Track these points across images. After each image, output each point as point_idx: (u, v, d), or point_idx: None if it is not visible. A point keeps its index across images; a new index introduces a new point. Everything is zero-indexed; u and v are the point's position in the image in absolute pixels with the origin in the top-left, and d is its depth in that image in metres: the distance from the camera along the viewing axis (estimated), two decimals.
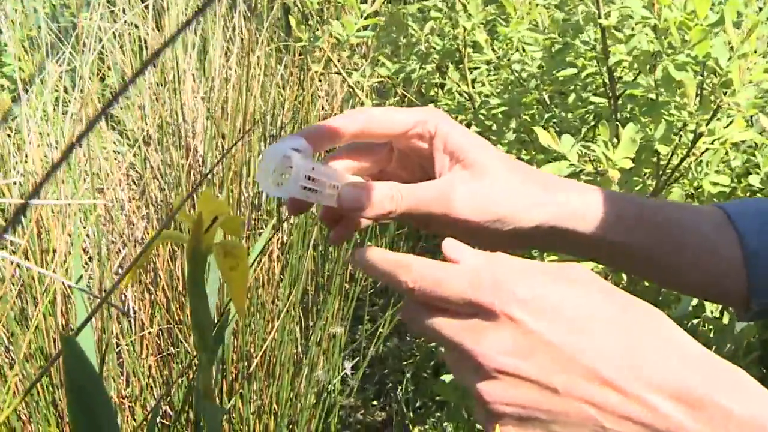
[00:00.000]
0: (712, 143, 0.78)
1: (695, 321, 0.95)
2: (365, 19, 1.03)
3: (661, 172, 0.84)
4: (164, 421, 1.16)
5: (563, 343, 0.31)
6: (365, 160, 0.47)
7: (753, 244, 0.46)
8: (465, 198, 0.43)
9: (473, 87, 1.09)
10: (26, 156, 1.20)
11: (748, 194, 0.93)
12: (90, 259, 1.20)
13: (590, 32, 0.88)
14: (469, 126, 1.32)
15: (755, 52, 0.69)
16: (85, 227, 1.18)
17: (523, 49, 1.00)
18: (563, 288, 0.33)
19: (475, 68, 1.15)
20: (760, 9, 0.85)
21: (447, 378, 0.94)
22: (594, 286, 0.33)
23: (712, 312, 0.96)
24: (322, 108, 1.59)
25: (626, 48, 0.78)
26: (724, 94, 0.68)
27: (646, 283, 0.89)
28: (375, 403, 1.50)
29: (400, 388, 1.46)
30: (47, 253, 1.09)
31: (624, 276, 0.88)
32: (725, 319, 0.95)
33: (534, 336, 0.32)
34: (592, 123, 1.00)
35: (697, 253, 0.47)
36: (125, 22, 1.56)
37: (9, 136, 1.30)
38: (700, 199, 0.93)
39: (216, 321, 0.73)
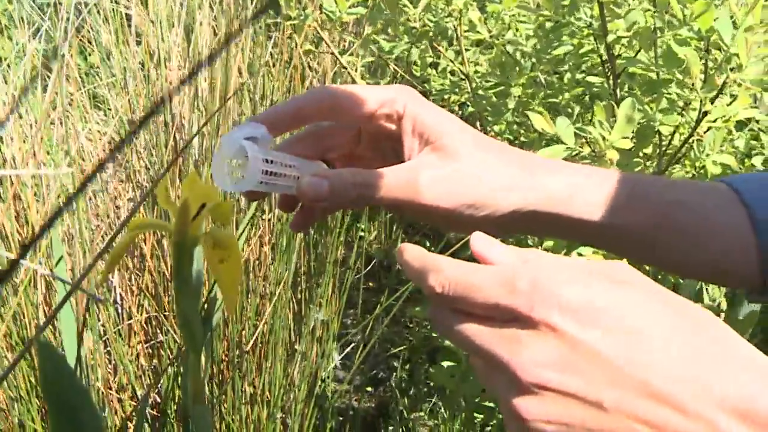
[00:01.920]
0: (714, 121, 0.75)
1: None
2: None
3: (662, 153, 0.81)
4: (153, 412, 1.13)
5: (613, 354, 0.28)
6: (331, 142, 0.44)
7: (763, 215, 0.43)
8: (432, 183, 0.40)
9: (468, 67, 1.05)
10: (2, 138, 1.15)
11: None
12: (72, 243, 1.16)
13: (585, 9, 0.84)
14: (464, 106, 1.28)
15: (761, 22, 0.66)
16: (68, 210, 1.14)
17: (517, 29, 0.97)
18: (611, 291, 0.29)
19: (467, 49, 1.11)
20: None
21: (443, 364, 0.92)
22: (646, 288, 0.30)
23: (714, 300, 0.94)
24: (313, 85, 1.55)
25: (625, 23, 0.75)
26: (730, 70, 0.65)
27: (647, 268, 0.87)
28: (369, 389, 1.48)
29: (394, 374, 1.44)
30: (23, 231, 1.05)
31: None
32: (723, 305, 0.93)
33: (579, 346, 0.28)
34: (590, 103, 0.97)
35: (698, 232, 0.44)
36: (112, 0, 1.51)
37: None
38: (702, 180, 0.91)
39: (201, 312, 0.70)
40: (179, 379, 1.09)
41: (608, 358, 0.28)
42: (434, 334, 1.34)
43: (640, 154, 0.82)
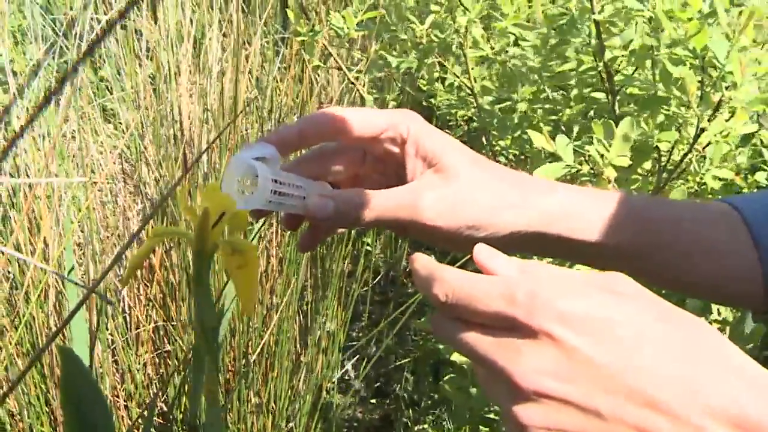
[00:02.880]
0: (714, 137, 0.76)
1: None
2: (365, 12, 1.01)
3: (661, 169, 0.82)
4: (159, 419, 1.14)
5: (609, 362, 0.29)
6: (337, 164, 0.46)
7: (765, 233, 0.44)
8: (432, 204, 0.42)
9: (474, 81, 1.07)
10: (15, 148, 1.17)
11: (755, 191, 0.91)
12: (84, 254, 1.18)
13: (585, 27, 0.86)
14: (470, 121, 1.30)
15: (754, 41, 0.67)
16: (80, 222, 1.15)
17: (517, 44, 0.98)
18: (608, 301, 0.30)
19: (473, 68, 1.13)
20: None
21: (449, 378, 0.93)
22: (642, 299, 0.31)
23: (719, 311, 0.94)
24: (320, 102, 1.57)
25: (621, 42, 0.77)
26: (726, 88, 0.66)
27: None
28: (374, 401, 1.48)
29: (399, 385, 1.45)
30: (36, 241, 1.07)
31: None
32: (729, 318, 0.94)
33: (576, 355, 0.29)
34: (592, 119, 0.99)
35: (698, 251, 0.45)
36: (125, 17, 1.53)
37: None
38: (704, 195, 0.92)
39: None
40: (185, 387, 1.10)
41: (604, 366, 0.29)
42: (439, 346, 1.35)
43: (639, 171, 0.83)
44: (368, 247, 1.53)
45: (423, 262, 0.35)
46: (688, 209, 0.46)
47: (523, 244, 0.44)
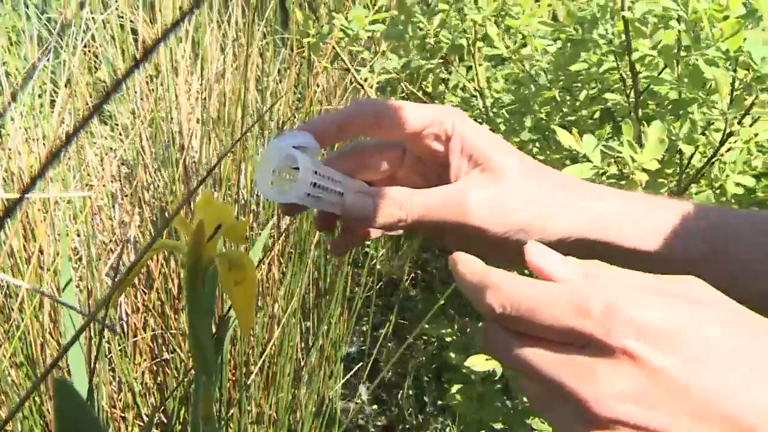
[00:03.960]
0: (735, 142, 0.74)
1: None
2: (375, 12, 0.98)
3: (682, 172, 0.80)
4: (158, 431, 1.11)
5: (701, 385, 0.25)
6: (374, 161, 0.43)
7: None
8: (480, 204, 0.39)
9: (482, 83, 1.04)
10: (10, 150, 1.14)
11: None
12: (80, 259, 1.15)
13: (607, 26, 0.83)
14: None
15: None
16: (76, 228, 1.12)
17: (536, 48, 0.96)
18: (690, 313, 0.26)
19: (480, 64, 1.10)
20: None
21: (455, 388, 0.90)
22: (723, 307, 0.27)
23: None
24: (320, 103, 1.54)
25: (650, 42, 0.74)
26: (761, 90, 0.64)
27: None
28: (375, 407, 1.45)
29: (401, 392, 1.42)
30: (30, 248, 1.04)
31: None
32: None
33: (662, 377, 0.25)
34: (605, 121, 0.96)
35: (755, 262, 0.41)
36: (118, 16, 1.51)
37: None
38: (720, 200, 0.90)
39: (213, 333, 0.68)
40: (187, 398, 1.07)
41: (696, 391, 0.25)
42: (441, 351, 1.32)
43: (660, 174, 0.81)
44: (373, 251, 1.50)
45: (470, 266, 0.30)
46: (748, 217, 0.43)
47: (572, 252, 0.41)
